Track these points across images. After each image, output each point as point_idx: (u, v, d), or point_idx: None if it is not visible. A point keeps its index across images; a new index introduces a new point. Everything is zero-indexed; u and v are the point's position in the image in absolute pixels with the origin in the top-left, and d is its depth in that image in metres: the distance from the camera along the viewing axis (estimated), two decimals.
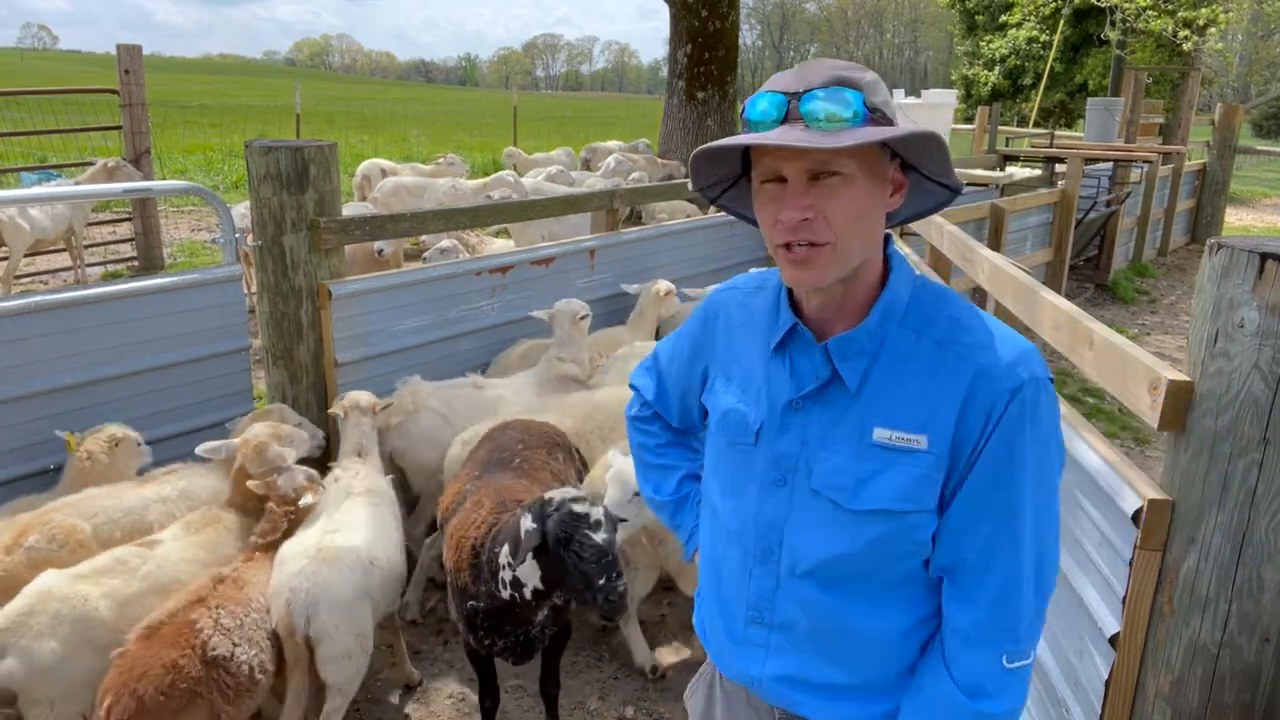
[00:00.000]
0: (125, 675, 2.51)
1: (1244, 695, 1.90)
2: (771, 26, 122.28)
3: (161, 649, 2.57)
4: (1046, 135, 11.70)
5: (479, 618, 2.79)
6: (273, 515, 3.09)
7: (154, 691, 2.48)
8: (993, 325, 1.43)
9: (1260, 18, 24.75)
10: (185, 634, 2.62)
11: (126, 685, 2.48)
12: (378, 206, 8.97)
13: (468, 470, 3.28)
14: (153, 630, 2.62)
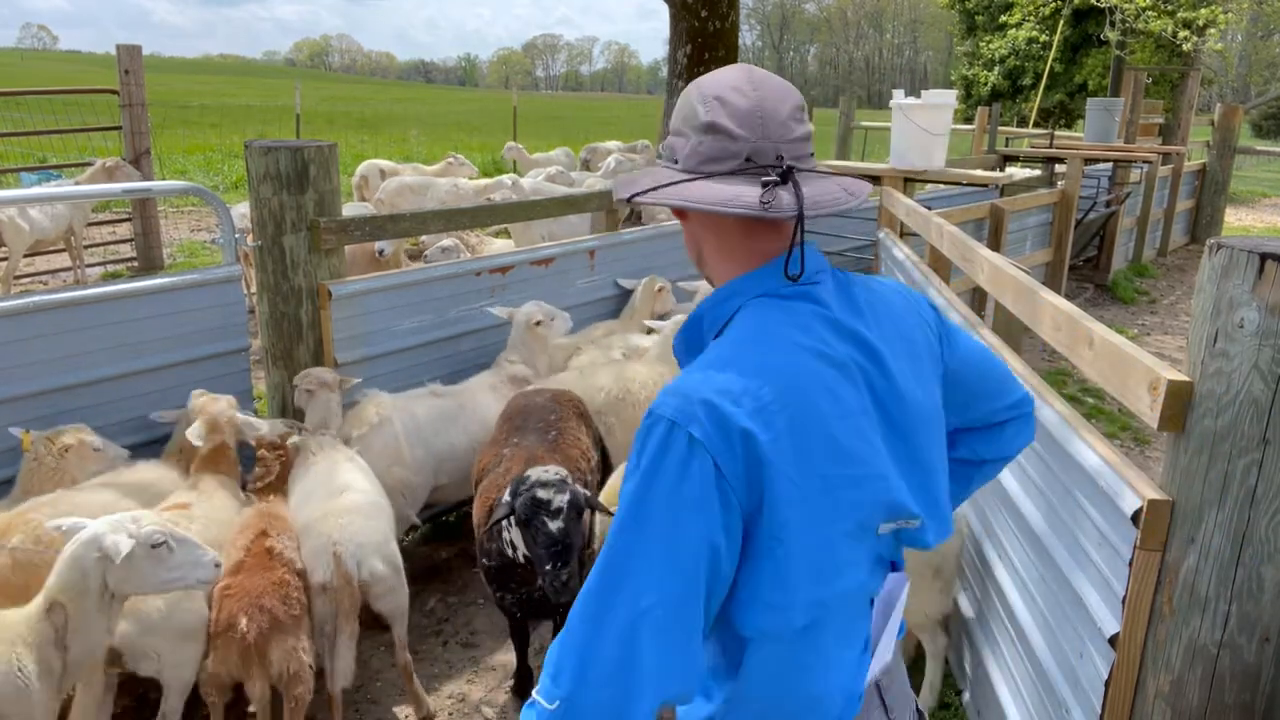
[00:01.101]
0: (245, 599, 2.83)
1: (1244, 695, 1.90)
2: (771, 26, 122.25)
3: (262, 574, 2.92)
4: (1046, 135, 11.70)
5: (492, 572, 3.09)
6: (265, 460, 3.48)
7: (279, 603, 2.86)
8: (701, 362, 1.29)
9: (1260, 18, 24.75)
10: (271, 560, 2.99)
11: (253, 605, 2.82)
12: (382, 206, 8.97)
13: (503, 433, 3.53)
14: (240, 565, 2.95)
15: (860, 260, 6.88)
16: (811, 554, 1.24)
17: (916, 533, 1.35)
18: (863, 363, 1.32)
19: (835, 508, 1.25)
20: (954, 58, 36.58)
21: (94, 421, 3.58)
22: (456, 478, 4.10)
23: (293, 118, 17.14)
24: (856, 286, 1.41)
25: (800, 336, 1.29)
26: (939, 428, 1.41)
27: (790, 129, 1.31)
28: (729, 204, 1.25)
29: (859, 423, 1.28)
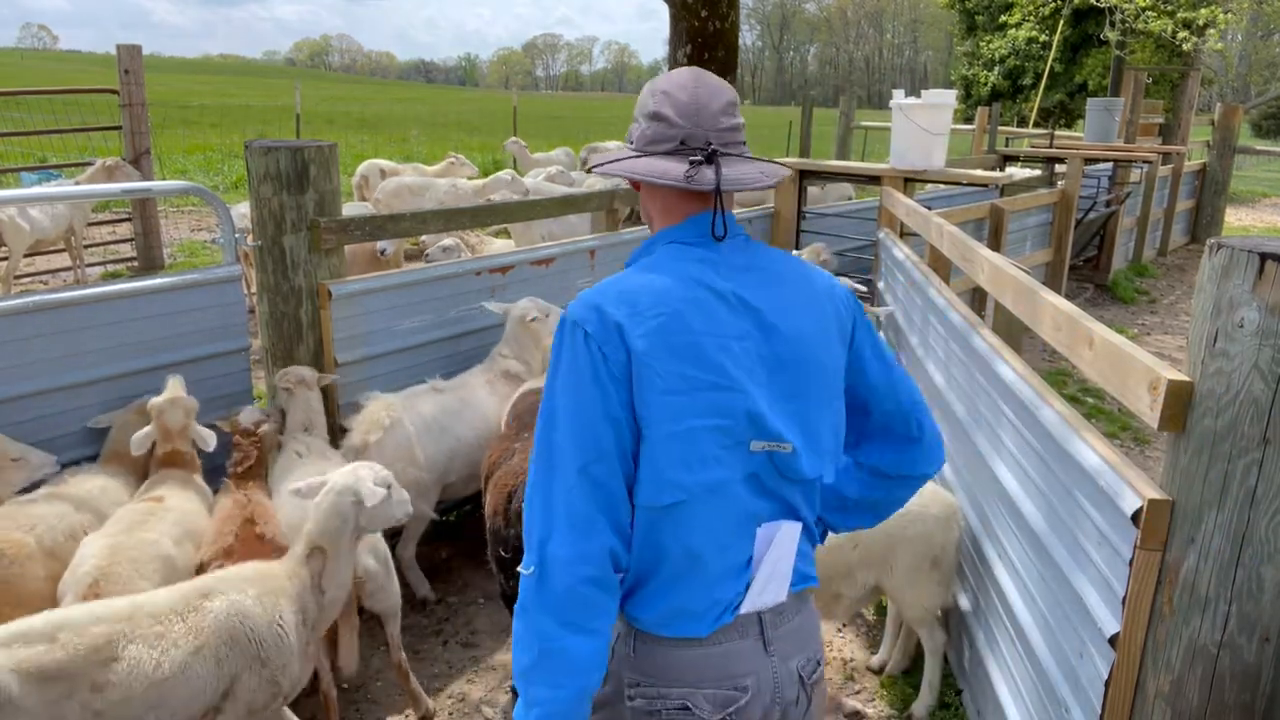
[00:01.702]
0: None
1: (1244, 695, 1.90)
2: (771, 26, 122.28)
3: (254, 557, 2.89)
4: (1046, 135, 11.70)
5: (507, 562, 3.05)
6: (240, 446, 3.49)
7: None
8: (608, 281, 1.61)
9: (1260, 18, 24.75)
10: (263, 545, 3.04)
11: None
12: (379, 206, 8.97)
13: (513, 429, 3.62)
14: (230, 549, 2.99)
15: (860, 260, 6.88)
16: (674, 441, 1.51)
17: (790, 459, 1.58)
18: (746, 300, 1.60)
19: (694, 404, 1.51)
20: (954, 58, 36.58)
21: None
22: (464, 474, 4.11)
23: (293, 118, 17.15)
24: (766, 253, 1.71)
25: (690, 268, 1.61)
26: (828, 379, 1.66)
27: (720, 121, 1.62)
28: (661, 176, 1.59)
29: (730, 343, 1.56)
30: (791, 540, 1.64)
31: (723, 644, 1.59)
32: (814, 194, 8.10)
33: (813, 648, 1.72)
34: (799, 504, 1.64)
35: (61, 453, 3.57)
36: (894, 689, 3.50)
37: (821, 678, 1.73)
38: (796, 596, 1.67)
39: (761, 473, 1.58)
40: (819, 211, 7.21)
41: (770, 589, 1.61)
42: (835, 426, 1.68)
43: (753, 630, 1.62)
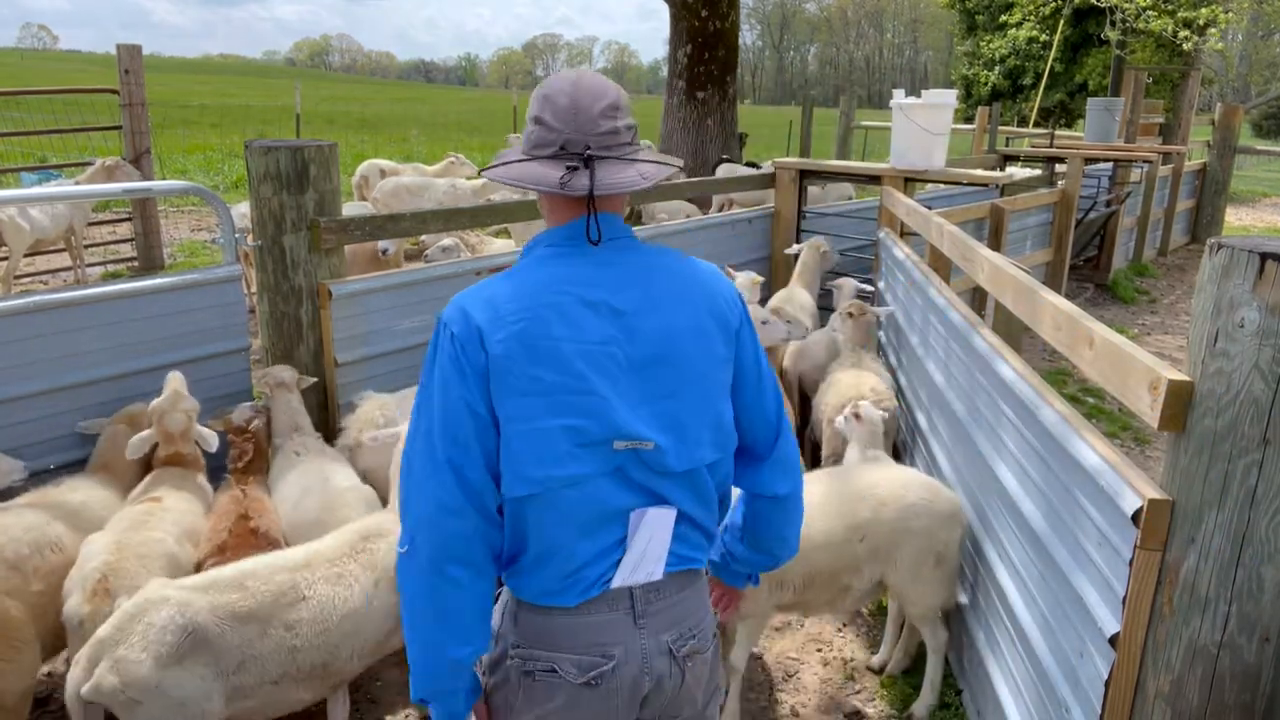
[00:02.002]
0: None
1: (1244, 695, 1.90)
2: (771, 26, 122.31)
3: (248, 552, 2.98)
4: (1046, 135, 11.70)
5: None
6: (236, 444, 3.53)
7: None
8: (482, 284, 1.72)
9: (1260, 18, 24.75)
10: (257, 539, 3.09)
11: None
12: (378, 206, 8.97)
13: None
14: (224, 544, 3.04)
15: (860, 260, 6.88)
16: (528, 438, 1.62)
17: (656, 455, 1.68)
18: (614, 305, 1.67)
19: (549, 405, 1.62)
20: (954, 57, 36.57)
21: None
22: None
23: (293, 118, 17.15)
24: (645, 256, 1.76)
25: (561, 272, 1.68)
26: (704, 376, 1.73)
27: (599, 125, 1.65)
28: (537, 182, 1.64)
29: (591, 348, 1.64)
30: (663, 525, 1.72)
31: (591, 615, 1.71)
32: (814, 194, 8.10)
33: (688, 624, 1.80)
34: (674, 495, 1.73)
35: (62, 453, 3.58)
36: (894, 689, 3.50)
37: (698, 652, 1.81)
38: (675, 576, 1.77)
39: (628, 467, 1.68)
40: (819, 211, 7.21)
41: (642, 568, 1.72)
42: (716, 419, 1.75)
43: (623, 605, 1.72)
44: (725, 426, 1.78)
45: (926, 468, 4.29)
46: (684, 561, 1.78)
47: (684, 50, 12.25)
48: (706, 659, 1.84)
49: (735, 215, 6.98)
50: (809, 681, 3.59)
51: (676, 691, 1.79)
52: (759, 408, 1.85)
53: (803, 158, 10.04)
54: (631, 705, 1.75)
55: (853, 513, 3.20)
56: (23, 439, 3.48)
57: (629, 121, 1.71)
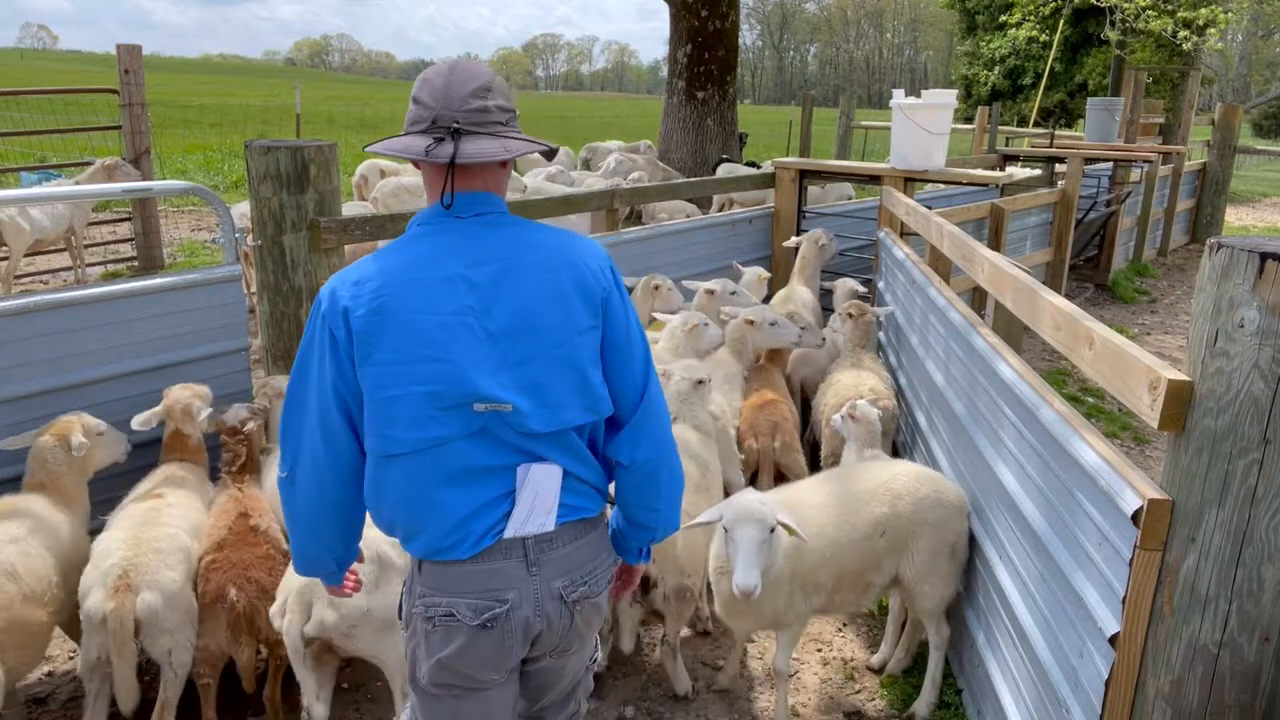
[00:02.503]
0: (233, 571, 2.99)
1: (1244, 695, 1.90)
2: (771, 26, 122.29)
3: (247, 549, 3.07)
4: (1046, 135, 11.70)
5: None
6: (228, 446, 3.51)
7: (265, 575, 3.01)
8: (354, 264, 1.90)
9: (1260, 18, 24.75)
10: (256, 536, 3.14)
11: (241, 576, 2.97)
12: (377, 206, 8.97)
13: None
14: (222, 542, 3.09)
15: (860, 260, 6.88)
16: (388, 404, 1.79)
17: (516, 416, 1.82)
18: (471, 278, 1.82)
19: (411, 374, 1.78)
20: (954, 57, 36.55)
21: None
22: None
23: (293, 118, 17.15)
24: (510, 230, 1.90)
25: (424, 249, 1.84)
26: (563, 341, 1.85)
27: (469, 103, 1.80)
28: (405, 150, 1.79)
29: (447, 320, 1.79)
30: (548, 480, 1.88)
31: (485, 564, 1.86)
32: (814, 194, 8.10)
33: (580, 572, 1.96)
34: (549, 454, 1.88)
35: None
36: (894, 688, 3.50)
37: (588, 597, 1.98)
38: (568, 526, 1.92)
39: (492, 427, 1.83)
40: (819, 211, 7.21)
41: (533, 521, 1.88)
42: (581, 383, 1.88)
43: (516, 553, 1.88)
44: (592, 389, 1.89)
45: (927, 467, 4.29)
46: (575, 512, 1.93)
47: (684, 50, 12.25)
48: (597, 603, 2.01)
49: (735, 215, 6.98)
50: (809, 681, 3.59)
51: (566, 631, 1.96)
52: (624, 376, 1.95)
53: (803, 158, 10.03)
54: (524, 644, 1.93)
55: (870, 509, 3.23)
56: None
57: (501, 103, 1.85)
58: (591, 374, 1.89)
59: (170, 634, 2.87)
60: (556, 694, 2.11)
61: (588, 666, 2.16)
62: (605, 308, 1.91)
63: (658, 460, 2.00)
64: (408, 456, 1.82)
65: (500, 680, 1.96)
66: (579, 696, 2.18)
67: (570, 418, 1.87)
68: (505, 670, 1.95)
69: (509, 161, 1.91)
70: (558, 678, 2.07)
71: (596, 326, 1.90)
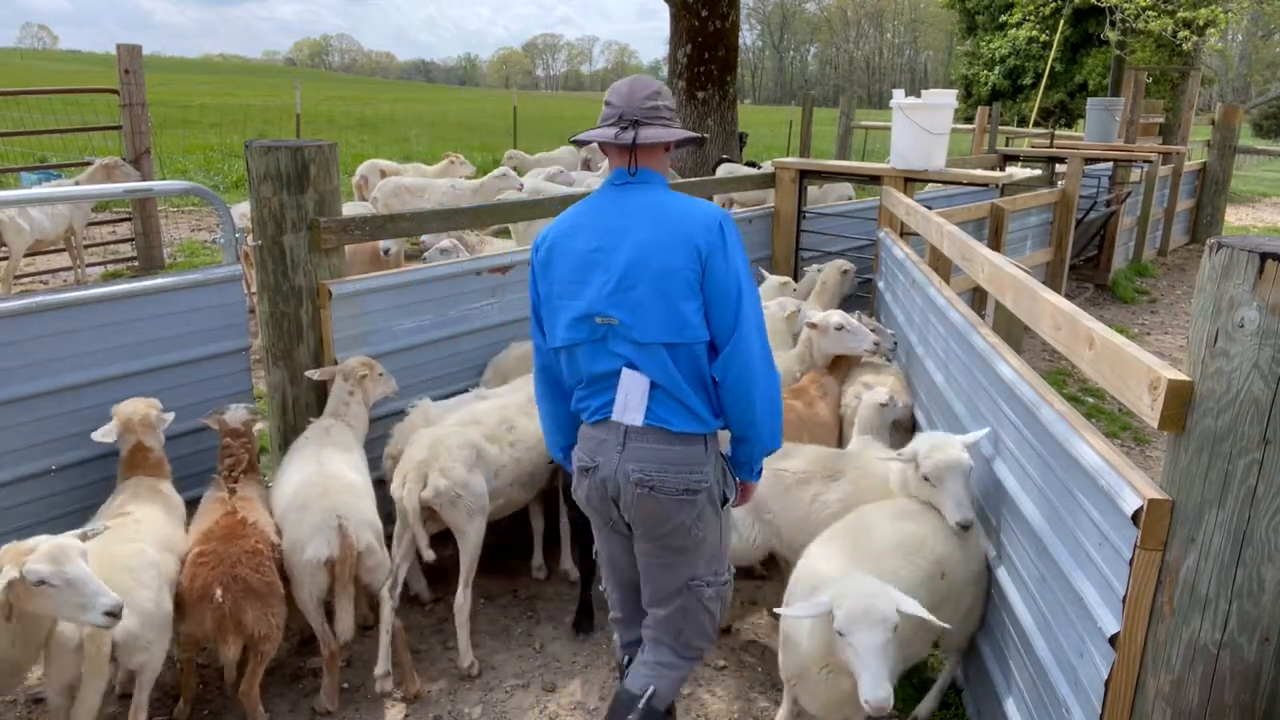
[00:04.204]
0: (220, 568, 3.00)
1: (1244, 695, 1.90)
2: (771, 26, 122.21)
3: (235, 542, 3.08)
4: (1046, 135, 11.70)
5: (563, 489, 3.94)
6: (231, 449, 3.55)
7: (252, 572, 3.02)
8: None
9: (1260, 18, 24.75)
10: (245, 529, 3.15)
11: (227, 574, 2.98)
12: (377, 207, 8.97)
13: None
14: (209, 533, 3.12)
15: (860, 260, 6.87)
16: (555, 315, 2.59)
17: (621, 329, 2.47)
18: (609, 225, 2.52)
19: (563, 292, 2.56)
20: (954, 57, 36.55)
21: (94, 422, 3.58)
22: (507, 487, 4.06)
23: (293, 118, 17.15)
24: (650, 193, 2.55)
25: (590, 206, 2.61)
26: (666, 277, 2.43)
27: (644, 104, 2.53)
28: (599, 137, 2.54)
29: (586, 257, 2.52)
30: (637, 385, 2.49)
31: (595, 431, 2.60)
32: (814, 194, 8.09)
33: (650, 467, 2.50)
34: (643, 364, 2.48)
35: (61, 455, 3.57)
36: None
37: (649, 486, 2.50)
38: (650, 429, 2.50)
39: (609, 337, 2.50)
40: (819, 211, 7.20)
41: (627, 414, 2.51)
42: (672, 311, 2.43)
43: (615, 433, 2.54)
44: (681, 318, 2.44)
45: None
46: (661, 420, 2.50)
47: (684, 50, 12.25)
48: (659, 500, 2.51)
49: (735, 215, 6.98)
50: None
51: (632, 506, 2.55)
52: (721, 313, 2.46)
53: (803, 158, 10.03)
54: (607, 498, 2.59)
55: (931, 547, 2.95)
56: (24, 440, 3.47)
57: (667, 104, 2.57)
58: (683, 306, 2.43)
59: (146, 650, 2.84)
60: (659, 592, 2.66)
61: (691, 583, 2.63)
62: (707, 259, 2.43)
63: (748, 381, 2.48)
64: (563, 351, 2.59)
65: (602, 523, 2.70)
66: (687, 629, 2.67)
67: (659, 335, 2.44)
68: (603, 516, 2.66)
69: (670, 147, 2.59)
70: (655, 570, 2.64)
71: (695, 270, 2.43)
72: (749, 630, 3.91)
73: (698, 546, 2.58)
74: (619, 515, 2.59)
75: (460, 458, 3.54)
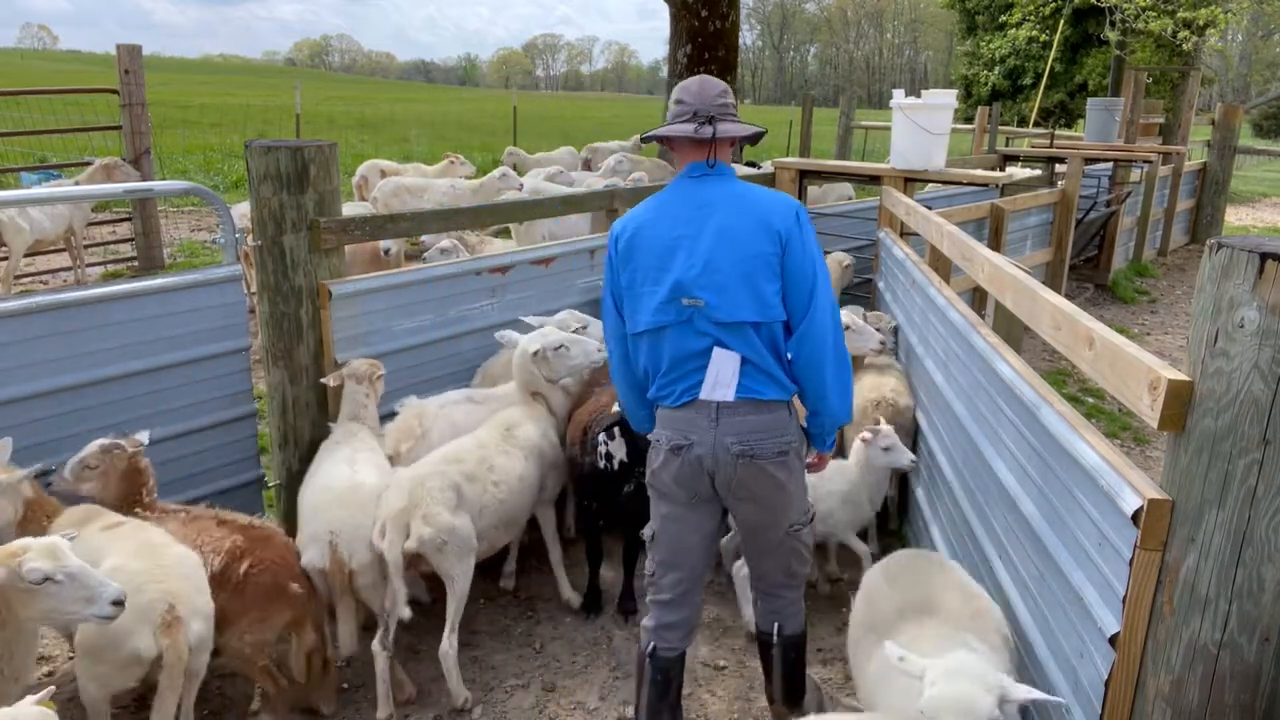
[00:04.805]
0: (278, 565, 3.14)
1: (1244, 695, 1.90)
2: (771, 26, 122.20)
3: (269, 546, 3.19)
4: (1046, 135, 11.70)
5: (583, 481, 3.86)
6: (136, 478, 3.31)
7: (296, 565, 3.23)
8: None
9: (1260, 18, 24.76)
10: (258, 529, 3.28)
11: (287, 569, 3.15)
12: (377, 207, 8.96)
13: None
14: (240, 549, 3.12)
15: (860, 260, 6.87)
16: (639, 299, 2.76)
17: (709, 310, 2.66)
18: (693, 215, 2.72)
19: (646, 278, 2.74)
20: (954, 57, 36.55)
21: (94, 422, 3.58)
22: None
23: (293, 118, 17.14)
24: (730, 184, 2.76)
25: (672, 196, 2.79)
26: (749, 261, 2.64)
27: (716, 100, 2.73)
28: (679, 132, 2.72)
29: (670, 243, 2.71)
30: (727, 362, 2.67)
31: (683, 412, 2.75)
32: (814, 194, 8.10)
33: (748, 437, 2.69)
34: (732, 342, 2.66)
35: (61, 455, 3.57)
36: None
37: (749, 455, 2.68)
38: (743, 402, 2.68)
39: (695, 318, 2.67)
40: (819, 211, 7.20)
41: (717, 391, 2.68)
42: (756, 292, 2.64)
43: (706, 411, 2.70)
44: (764, 299, 2.64)
45: (927, 468, 4.29)
46: (751, 392, 2.68)
47: (684, 50, 12.25)
48: (759, 466, 2.70)
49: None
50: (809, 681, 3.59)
51: (733, 475, 2.71)
52: (797, 294, 2.67)
53: (803, 158, 10.03)
54: (701, 474, 2.73)
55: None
56: (24, 440, 3.47)
57: (733, 102, 2.78)
58: (764, 287, 2.64)
59: (206, 651, 2.88)
60: (764, 544, 2.88)
61: (791, 530, 2.86)
62: (786, 243, 2.65)
63: (820, 358, 2.68)
64: (647, 335, 2.74)
65: (685, 500, 2.81)
66: (793, 562, 2.92)
67: (744, 315, 2.63)
68: (690, 492, 2.78)
69: (735, 140, 2.81)
70: (759, 527, 2.84)
71: (775, 254, 2.64)
72: (749, 630, 3.91)
73: (790, 499, 2.81)
74: (710, 487, 2.75)
75: (443, 500, 3.37)
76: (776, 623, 3.03)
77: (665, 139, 2.78)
